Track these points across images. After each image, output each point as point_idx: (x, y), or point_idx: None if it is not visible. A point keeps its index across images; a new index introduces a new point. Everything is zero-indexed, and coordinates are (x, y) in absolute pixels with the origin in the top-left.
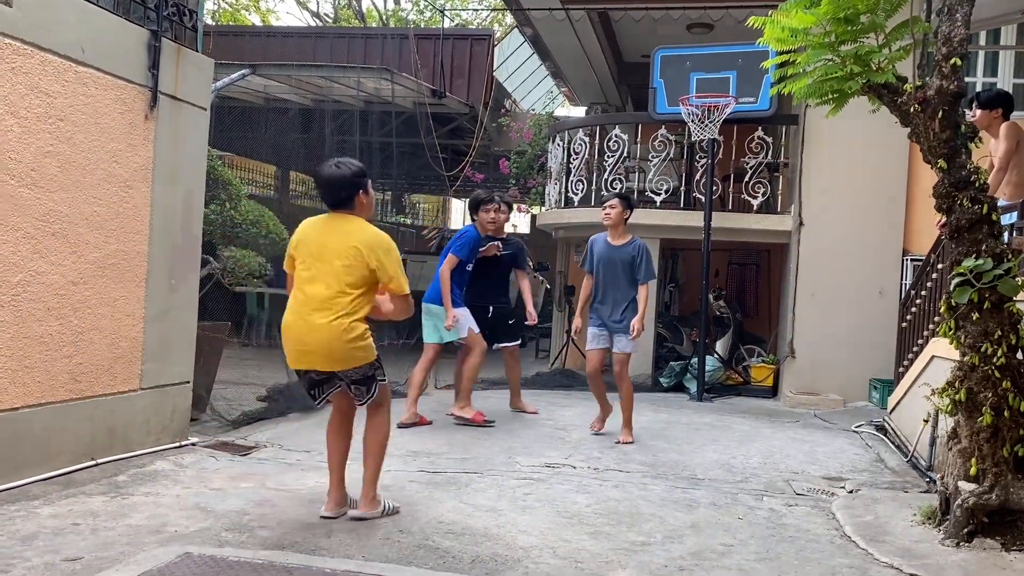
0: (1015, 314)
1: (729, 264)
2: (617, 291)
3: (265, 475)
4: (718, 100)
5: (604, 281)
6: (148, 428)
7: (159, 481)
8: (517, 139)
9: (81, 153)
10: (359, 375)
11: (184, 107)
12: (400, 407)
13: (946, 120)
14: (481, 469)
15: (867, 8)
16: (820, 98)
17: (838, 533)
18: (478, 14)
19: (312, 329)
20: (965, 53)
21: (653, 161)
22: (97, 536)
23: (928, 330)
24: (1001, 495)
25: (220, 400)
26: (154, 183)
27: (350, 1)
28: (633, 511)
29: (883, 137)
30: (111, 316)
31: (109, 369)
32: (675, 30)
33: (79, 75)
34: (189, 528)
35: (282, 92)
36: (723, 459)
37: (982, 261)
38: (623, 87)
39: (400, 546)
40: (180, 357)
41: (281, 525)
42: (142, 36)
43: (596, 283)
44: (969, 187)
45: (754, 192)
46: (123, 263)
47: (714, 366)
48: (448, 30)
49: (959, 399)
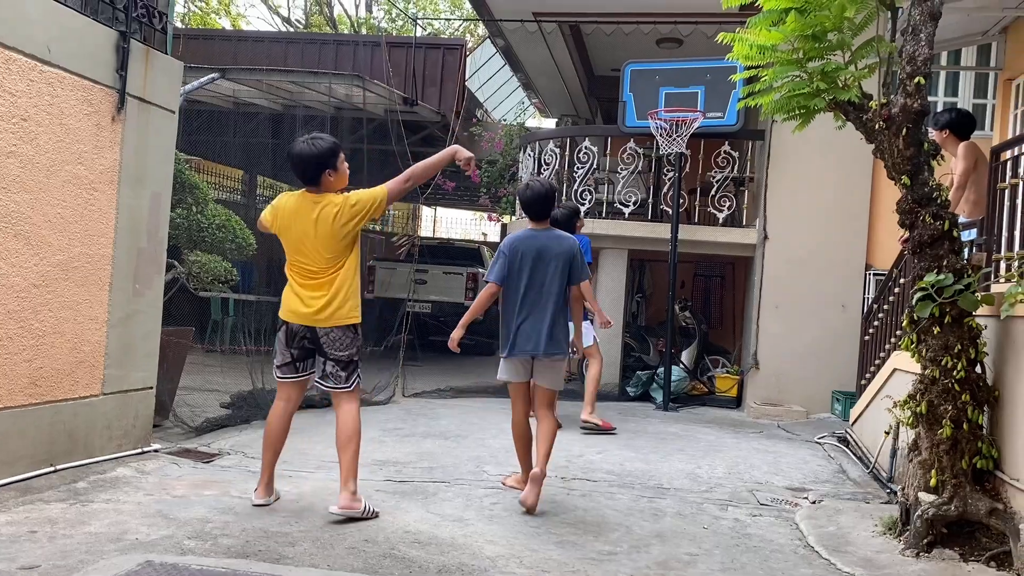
0: (975, 328)
1: (695, 276)
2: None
3: (228, 482)
4: (686, 114)
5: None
6: (110, 434)
7: (120, 488)
8: (488, 149)
9: (45, 154)
10: (344, 355)
11: (152, 110)
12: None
13: (910, 137)
14: (448, 478)
15: (834, 26)
16: (787, 114)
17: (801, 543)
18: (450, 24)
19: (309, 302)
20: (929, 72)
21: (622, 173)
22: (55, 544)
23: (890, 343)
24: (960, 506)
25: (183, 406)
26: (120, 186)
27: (322, 8)
28: (600, 520)
29: (847, 153)
30: (73, 320)
31: (71, 374)
32: (645, 44)
33: (44, 75)
34: (150, 536)
35: (252, 97)
36: (689, 469)
37: (943, 276)
38: (593, 100)
39: (366, 555)
40: (143, 362)
41: (244, 533)
42: (110, 37)
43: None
44: (931, 203)
45: (720, 205)
46: (87, 266)
47: (680, 376)
48: (420, 39)
49: (920, 411)
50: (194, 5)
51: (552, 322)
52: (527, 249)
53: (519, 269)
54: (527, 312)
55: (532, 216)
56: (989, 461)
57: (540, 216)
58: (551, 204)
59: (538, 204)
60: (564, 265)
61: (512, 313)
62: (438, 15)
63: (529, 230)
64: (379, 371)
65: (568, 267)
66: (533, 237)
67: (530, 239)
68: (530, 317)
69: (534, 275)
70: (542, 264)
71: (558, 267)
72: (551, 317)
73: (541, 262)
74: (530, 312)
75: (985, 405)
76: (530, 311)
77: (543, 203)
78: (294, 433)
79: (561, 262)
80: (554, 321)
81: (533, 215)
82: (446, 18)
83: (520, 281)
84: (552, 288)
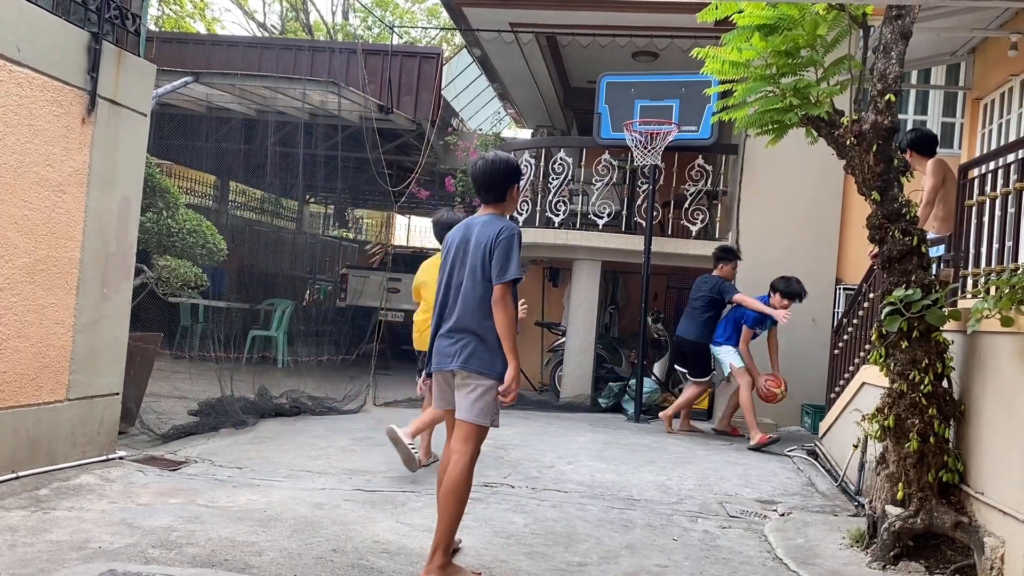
0: (942, 343)
1: (668, 288)
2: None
3: (195, 491)
4: (661, 127)
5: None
6: (74, 440)
7: (84, 495)
8: (463, 158)
9: (12, 155)
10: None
11: (123, 112)
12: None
13: (880, 154)
14: (418, 488)
15: (807, 43)
16: (760, 128)
17: (770, 555)
18: (427, 33)
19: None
20: (899, 90)
21: (596, 185)
22: (15, 552)
23: (859, 357)
24: (926, 519)
25: (150, 413)
26: (89, 188)
27: (297, 14)
28: (570, 531)
29: (819, 169)
30: (38, 324)
31: (34, 378)
32: (621, 57)
33: (13, 75)
34: (114, 544)
35: (225, 101)
36: (659, 480)
37: (912, 291)
38: (569, 111)
39: (334, 565)
40: (110, 368)
41: (210, 542)
42: (82, 38)
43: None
44: (901, 219)
45: (693, 218)
46: (53, 269)
47: (652, 388)
48: (397, 47)
49: (888, 425)
50: (168, 8)
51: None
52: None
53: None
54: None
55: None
56: (955, 475)
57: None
58: (499, 180)
59: (485, 180)
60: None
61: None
62: (415, 23)
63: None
64: (350, 379)
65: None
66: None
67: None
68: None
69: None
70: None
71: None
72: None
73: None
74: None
75: (951, 419)
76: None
77: (489, 179)
78: (263, 441)
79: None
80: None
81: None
82: (423, 27)
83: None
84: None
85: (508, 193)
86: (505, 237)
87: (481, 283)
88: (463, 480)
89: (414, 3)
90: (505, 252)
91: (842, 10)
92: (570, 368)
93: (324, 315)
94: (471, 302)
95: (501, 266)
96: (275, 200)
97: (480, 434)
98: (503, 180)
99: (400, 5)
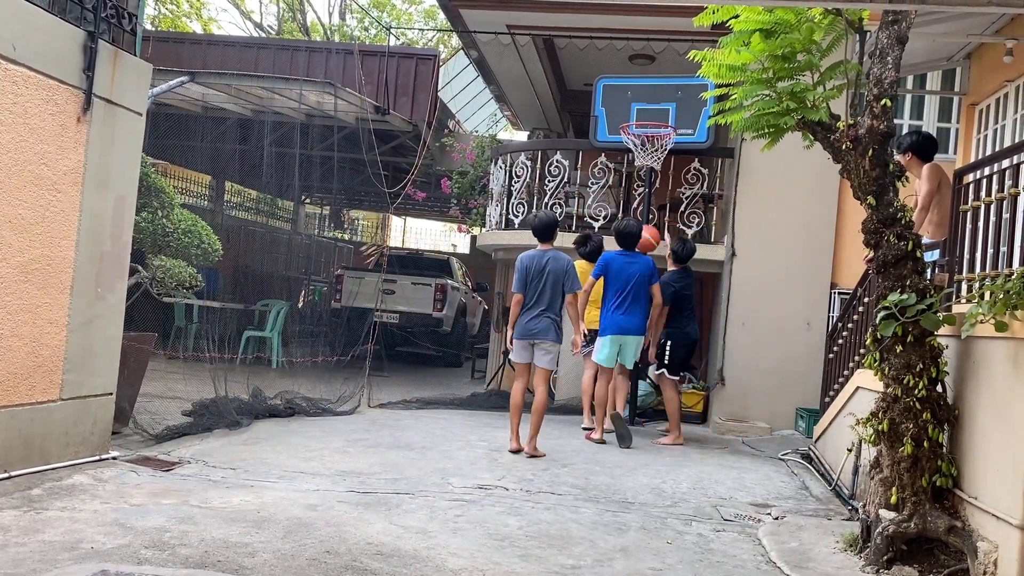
0: (936, 348)
1: None
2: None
3: (188, 492)
4: (657, 130)
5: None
6: (67, 440)
7: (77, 495)
8: (460, 160)
9: (7, 153)
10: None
11: (119, 111)
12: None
13: (876, 158)
14: (413, 490)
15: (803, 47)
16: (756, 132)
17: (764, 559)
18: (424, 34)
19: None
20: (895, 95)
21: (592, 188)
22: (6, 552)
23: (853, 361)
24: (919, 523)
25: (144, 413)
26: (84, 188)
27: (294, 14)
28: (564, 534)
29: (814, 173)
30: (32, 323)
31: (28, 378)
32: (618, 60)
33: (8, 72)
34: (107, 545)
35: (221, 101)
36: (654, 483)
37: (907, 296)
38: (565, 114)
39: (327, 567)
40: (104, 368)
41: (203, 543)
42: (78, 37)
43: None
44: (896, 224)
45: (689, 222)
46: (47, 268)
47: (646, 391)
48: (394, 48)
49: (882, 429)
50: (165, 8)
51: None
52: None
53: (532, 280)
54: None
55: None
56: (949, 479)
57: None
58: (552, 229)
59: (545, 229)
60: (558, 278)
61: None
62: (412, 24)
63: (538, 250)
64: (345, 381)
65: (562, 280)
66: (540, 256)
67: (537, 257)
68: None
69: (540, 285)
70: (544, 276)
71: (556, 280)
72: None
73: (543, 275)
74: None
75: (945, 424)
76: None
77: (548, 229)
78: (257, 442)
79: (555, 276)
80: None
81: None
82: (420, 28)
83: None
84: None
85: (555, 235)
86: (572, 266)
87: (560, 291)
88: (544, 402)
89: (411, 4)
90: (573, 274)
91: (839, 15)
92: (564, 371)
93: (319, 316)
94: (556, 302)
95: (573, 281)
96: (271, 200)
97: (550, 376)
98: (554, 229)
99: (397, 6)
